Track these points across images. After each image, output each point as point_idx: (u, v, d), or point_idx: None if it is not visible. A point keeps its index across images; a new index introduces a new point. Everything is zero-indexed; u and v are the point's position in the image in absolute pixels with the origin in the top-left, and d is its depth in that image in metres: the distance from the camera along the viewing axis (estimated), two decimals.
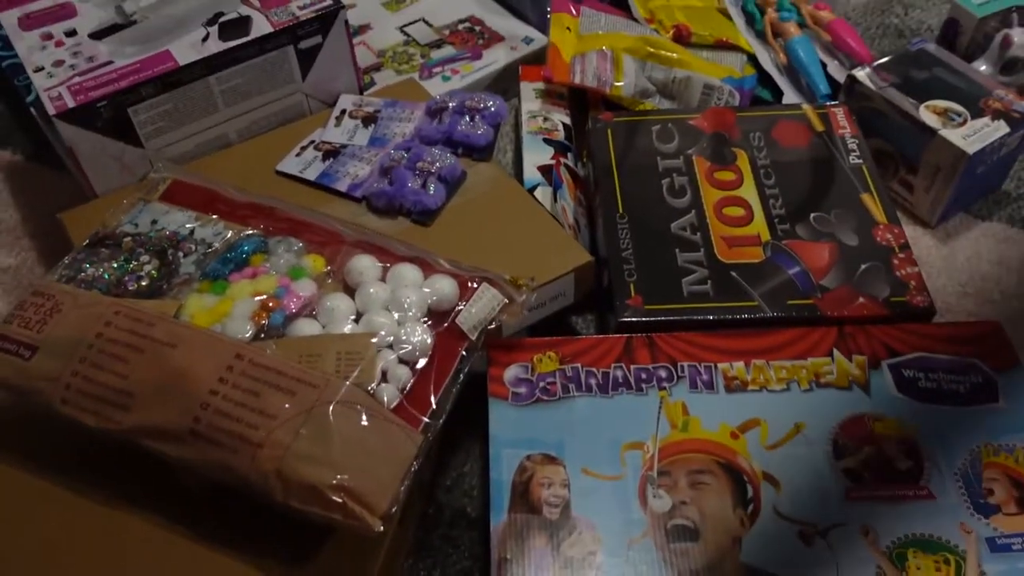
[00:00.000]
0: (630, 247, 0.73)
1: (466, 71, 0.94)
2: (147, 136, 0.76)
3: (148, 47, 0.76)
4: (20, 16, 0.79)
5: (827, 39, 0.96)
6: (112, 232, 0.69)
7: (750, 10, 0.98)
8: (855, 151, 0.80)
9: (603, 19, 0.94)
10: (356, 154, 0.79)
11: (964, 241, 0.83)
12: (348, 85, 0.86)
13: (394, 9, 1.02)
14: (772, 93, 0.93)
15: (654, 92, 0.89)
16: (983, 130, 0.78)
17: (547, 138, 0.84)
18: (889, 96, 0.82)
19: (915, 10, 1.08)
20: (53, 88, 0.72)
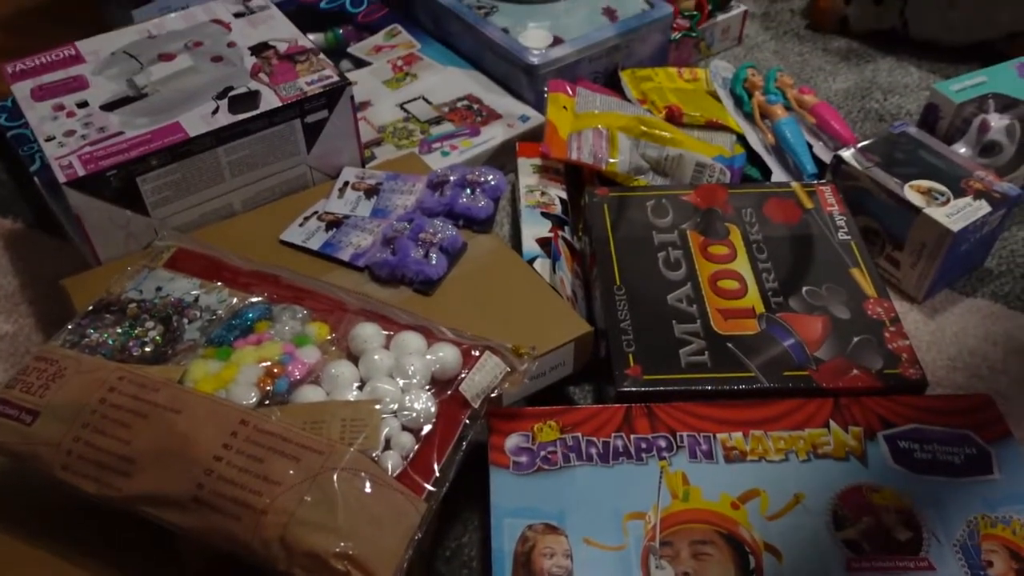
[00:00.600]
0: (628, 318, 0.74)
1: (464, 147, 0.96)
2: (154, 205, 0.78)
3: (159, 119, 0.78)
4: (33, 87, 0.81)
5: (812, 121, 1.00)
6: (117, 298, 0.70)
7: (739, 93, 1.02)
8: (843, 228, 0.82)
9: (598, 99, 0.97)
10: (359, 225, 0.80)
11: (951, 316, 0.85)
12: (351, 158, 0.88)
13: (394, 87, 1.06)
14: (761, 172, 0.96)
15: (648, 169, 0.92)
16: (966, 209, 0.81)
17: (545, 212, 0.86)
18: (875, 176, 0.85)
19: (894, 96, 1.12)
20: (64, 157, 0.74)
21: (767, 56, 1.20)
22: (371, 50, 1.13)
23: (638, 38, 1.07)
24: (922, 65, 1.17)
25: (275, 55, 0.85)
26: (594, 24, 1.05)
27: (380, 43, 1.14)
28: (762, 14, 1.28)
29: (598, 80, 1.06)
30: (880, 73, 1.16)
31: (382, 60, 1.10)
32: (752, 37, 1.24)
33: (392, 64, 1.09)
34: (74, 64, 0.84)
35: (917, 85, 1.14)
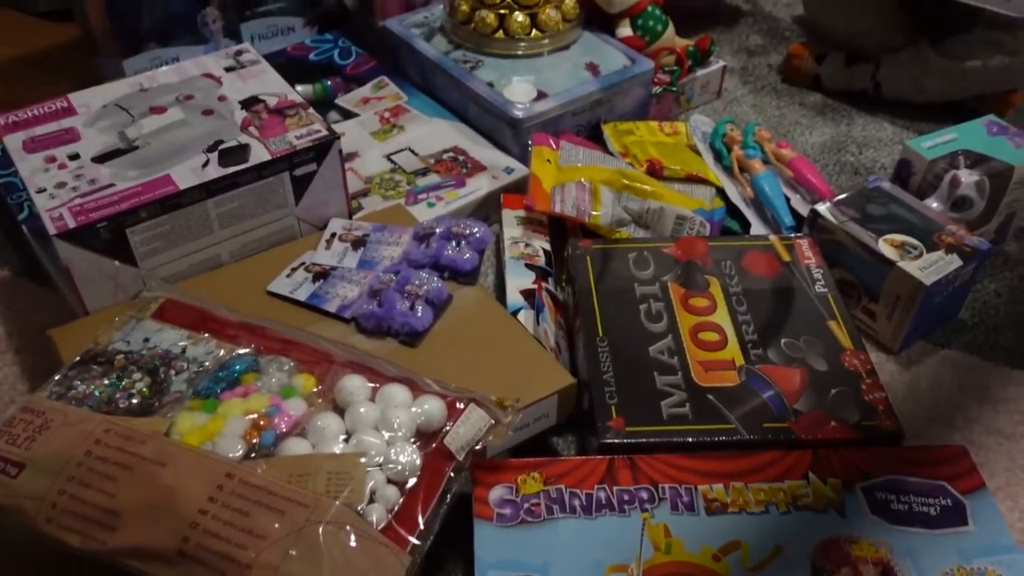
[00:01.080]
0: (610, 370, 0.75)
1: (450, 198, 0.98)
2: (142, 256, 0.78)
3: (149, 171, 0.79)
4: (25, 139, 0.83)
5: (789, 175, 1.03)
6: (104, 349, 0.71)
7: (718, 147, 1.05)
8: (820, 280, 0.84)
9: (581, 152, 0.99)
10: (345, 276, 0.81)
11: (926, 368, 0.86)
12: (339, 210, 0.89)
13: (381, 138, 1.08)
14: (740, 224, 0.98)
15: (629, 221, 0.94)
16: (938, 262, 0.83)
17: (529, 263, 0.88)
18: (850, 230, 0.87)
19: (868, 150, 1.15)
20: (54, 209, 0.75)
21: (746, 110, 1.23)
22: (359, 102, 1.15)
23: (620, 92, 1.10)
24: (896, 121, 1.20)
25: (265, 109, 0.87)
26: (577, 79, 1.08)
27: (368, 95, 1.16)
28: (740, 68, 1.32)
29: (581, 133, 1.09)
30: (855, 128, 1.19)
31: (369, 112, 1.12)
32: (731, 91, 1.27)
33: (379, 116, 1.11)
34: (66, 116, 0.86)
35: (891, 139, 1.17)
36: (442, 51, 1.13)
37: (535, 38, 1.10)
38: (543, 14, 1.10)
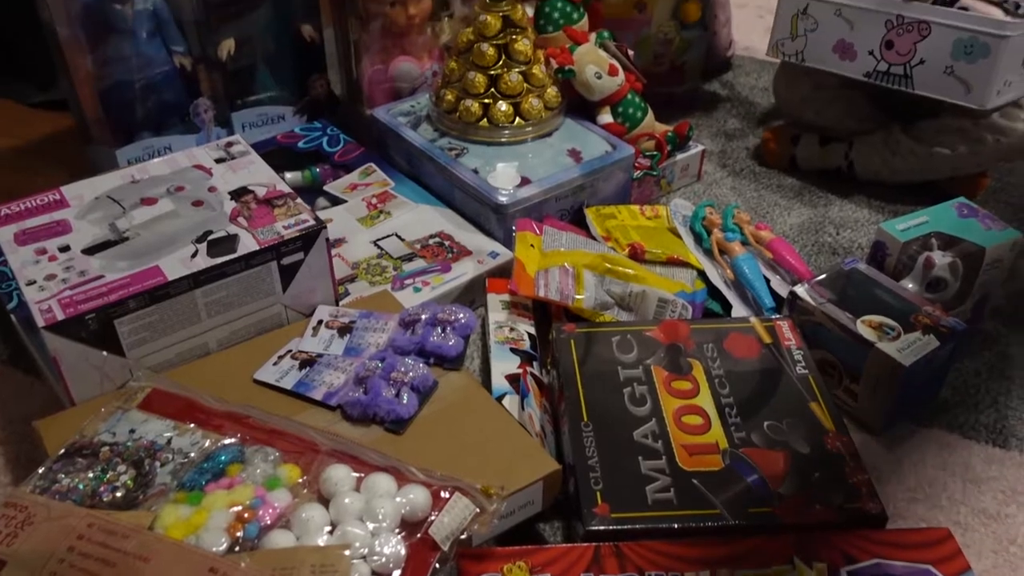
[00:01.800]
0: (595, 455, 0.76)
1: (436, 283, 0.99)
2: (130, 346, 0.79)
3: (139, 262, 0.80)
4: (17, 231, 0.84)
5: (769, 256, 1.05)
6: (89, 441, 0.71)
7: (698, 230, 1.07)
8: (801, 362, 0.85)
9: (564, 237, 1.02)
10: (332, 363, 0.82)
11: (909, 447, 0.87)
12: (325, 297, 0.90)
13: (369, 224, 1.10)
14: (722, 306, 1.00)
15: (612, 305, 0.95)
16: (916, 343, 0.85)
17: (514, 348, 0.89)
18: (828, 311, 0.89)
19: (846, 230, 1.18)
20: (44, 301, 0.76)
21: (725, 192, 1.26)
22: (347, 188, 1.17)
23: (602, 177, 1.12)
24: (871, 202, 1.24)
25: (254, 199, 0.89)
26: (560, 165, 1.11)
27: (355, 181, 1.19)
28: (719, 152, 1.36)
29: (564, 217, 1.11)
30: (832, 209, 1.22)
31: (357, 198, 1.15)
32: (711, 174, 1.30)
33: (367, 202, 1.14)
34: (58, 208, 0.87)
35: (867, 220, 1.20)
36: (428, 139, 1.16)
37: (518, 126, 1.14)
38: (526, 103, 1.13)
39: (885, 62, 1.13)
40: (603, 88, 1.17)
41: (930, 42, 1.08)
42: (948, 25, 1.07)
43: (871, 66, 1.14)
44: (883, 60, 1.13)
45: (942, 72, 1.09)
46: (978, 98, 1.07)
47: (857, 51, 1.15)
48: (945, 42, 1.07)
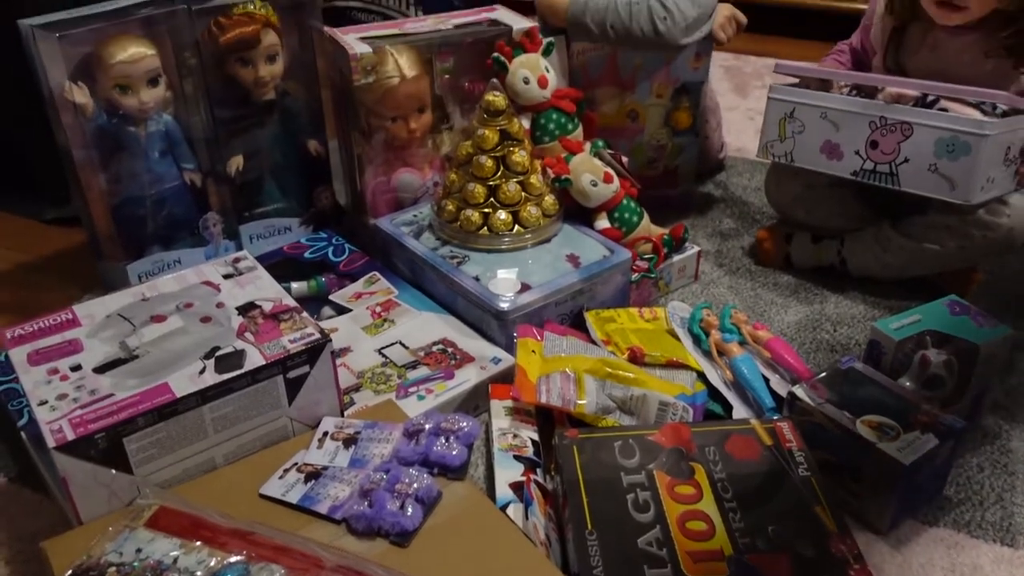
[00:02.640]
0: (600, 564, 0.75)
1: (440, 390, 1.01)
2: (138, 463, 0.80)
3: (148, 380, 0.82)
4: (30, 351, 0.86)
5: (767, 356, 1.06)
6: (96, 562, 0.71)
7: (696, 332, 1.09)
8: (803, 464, 0.86)
9: (564, 342, 1.03)
10: (337, 476, 0.83)
11: (916, 548, 0.87)
12: (330, 408, 0.92)
13: (373, 332, 1.12)
14: (722, 406, 1.01)
15: (614, 408, 0.97)
16: (915, 442, 0.85)
17: (517, 455, 0.90)
18: (827, 412, 0.90)
19: (843, 327, 1.20)
20: (55, 421, 0.77)
21: (722, 291, 1.29)
22: (351, 297, 1.20)
23: (600, 282, 1.15)
24: (866, 298, 1.26)
25: (261, 314, 0.91)
26: (559, 270, 1.14)
27: (360, 290, 1.21)
28: (715, 252, 1.39)
29: (565, 321, 1.13)
30: (828, 306, 1.25)
31: (362, 307, 1.17)
32: (707, 274, 1.33)
33: (371, 310, 1.16)
34: (70, 327, 0.90)
35: (863, 316, 1.22)
36: (430, 247, 1.19)
37: (518, 234, 1.17)
38: (524, 211, 1.17)
39: (871, 161, 1.16)
40: (599, 195, 1.21)
41: (913, 141, 1.12)
42: (929, 125, 1.11)
43: (858, 165, 1.18)
44: (869, 159, 1.17)
45: (926, 170, 1.12)
46: (963, 194, 1.10)
47: (844, 151, 1.19)
48: (927, 141, 1.11)
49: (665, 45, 1.30)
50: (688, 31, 1.30)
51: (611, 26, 1.28)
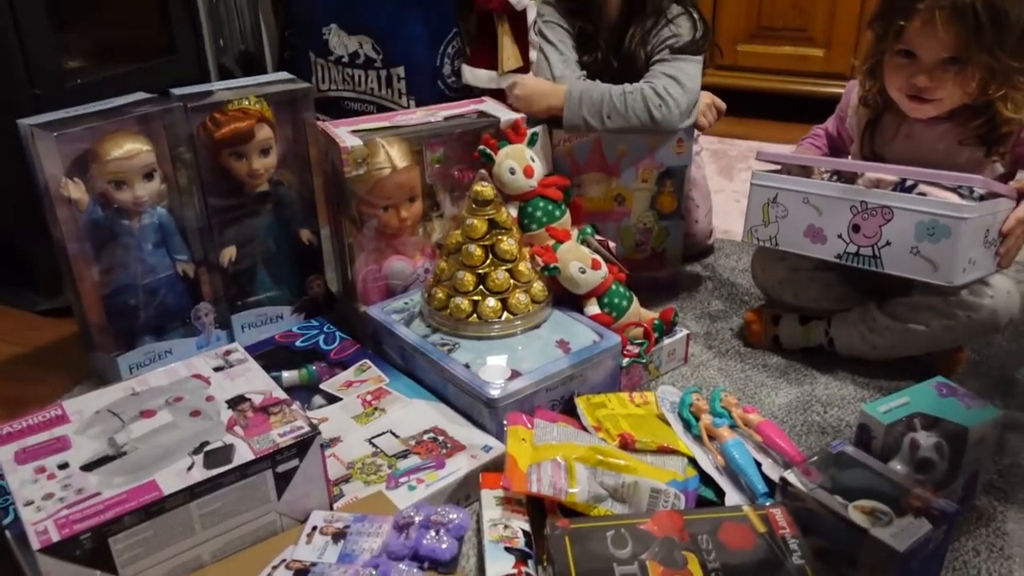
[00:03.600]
0: None
1: (430, 480, 1.00)
2: (123, 563, 0.79)
3: (136, 477, 0.82)
4: (18, 450, 0.86)
5: (759, 439, 1.06)
6: None
7: (686, 416, 1.09)
8: (796, 551, 0.85)
9: (555, 430, 1.03)
10: (326, 572, 0.82)
11: None
12: (320, 501, 0.91)
13: (363, 421, 1.12)
14: (715, 492, 1.00)
15: (606, 496, 0.96)
16: (909, 527, 0.85)
17: (508, 546, 0.89)
18: (819, 497, 0.89)
19: (833, 408, 1.20)
20: (40, 522, 0.77)
21: (712, 374, 1.29)
22: (342, 385, 1.20)
23: (591, 367, 1.16)
24: (856, 379, 1.26)
25: (251, 407, 0.91)
26: (549, 356, 1.14)
27: (351, 378, 1.22)
28: (704, 334, 1.40)
29: (556, 407, 1.13)
30: (818, 387, 1.25)
31: (352, 395, 1.17)
32: (697, 356, 1.34)
33: (362, 399, 1.16)
34: (59, 424, 0.90)
35: (853, 397, 1.22)
36: (421, 335, 1.20)
37: (507, 320, 1.18)
38: (513, 298, 1.18)
39: (854, 244, 1.18)
40: (588, 282, 1.22)
41: (894, 225, 1.14)
42: (909, 209, 1.13)
43: (841, 248, 1.20)
44: (852, 243, 1.18)
45: (909, 253, 1.14)
46: (945, 276, 1.11)
47: (827, 235, 1.21)
48: (908, 225, 1.13)
49: (662, 131, 1.34)
50: (683, 116, 1.34)
51: (608, 116, 1.33)
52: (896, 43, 1.15)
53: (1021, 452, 1.11)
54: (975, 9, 1.07)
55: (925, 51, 1.13)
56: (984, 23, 1.07)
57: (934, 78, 1.13)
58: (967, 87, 1.13)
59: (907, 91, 1.16)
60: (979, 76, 1.12)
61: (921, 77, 1.13)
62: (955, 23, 1.08)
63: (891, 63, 1.17)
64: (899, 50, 1.16)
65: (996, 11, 1.07)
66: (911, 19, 1.12)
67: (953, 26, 1.08)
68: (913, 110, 1.18)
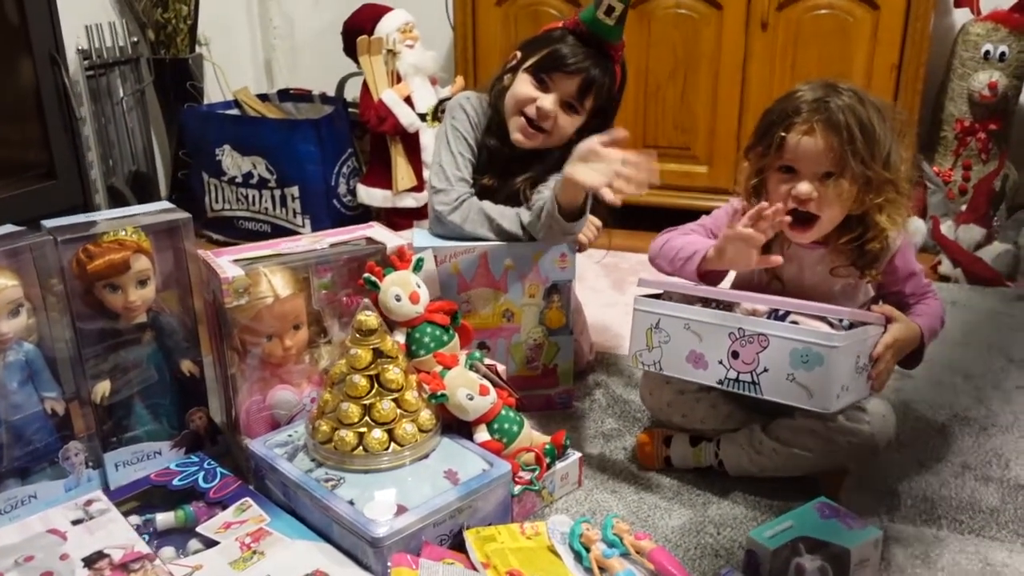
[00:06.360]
0: None
1: None
2: None
3: None
4: None
5: (651, 567, 1.05)
6: None
7: (576, 548, 1.07)
8: None
9: (440, 569, 1.00)
10: None
11: None
12: None
13: (241, 567, 1.06)
14: None
15: None
16: None
17: None
18: None
19: (725, 529, 1.20)
20: None
21: (606, 497, 1.28)
22: (220, 527, 1.14)
23: (480, 497, 1.13)
24: (747, 498, 1.27)
25: (109, 565, 0.85)
26: (437, 488, 1.11)
27: (230, 519, 1.15)
28: (598, 455, 1.39)
29: (444, 542, 1.09)
30: (711, 508, 1.25)
31: (230, 538, 1.11)
32: (591, 478, 1.32)
33: (240, 542, 1.10)
34: None
35: (745, 517, 1.22)
36: (304, 470, 1.16)
37: (394, 452, 1.15)
38: (399, 429, 1.15)
39: (734, 370, 1.20)
40: (476, 408, 1.21)
41: (770, 352, 1.16)
42: (783, 337, 1.16)
43: (722, 374, 1.21)
44: (732, 368, 1.20)
45: (785, 379, 1.16)
46: (821, 403, 1.14)
47: (708, 361, 1.22)
48: (783, 352, 1.15)
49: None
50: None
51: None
52: (777, 159, 1.21)
53: (906, 566, 1.12)
54: (847, 123, 1.16)
55: (805, 164, 1.19)
56: (856, 136, 1.16)
57: (815, 191, 1.19)
58: (845, 201, 1.19)
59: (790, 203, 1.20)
60: (855, 188, 1.18)
61: (803, 184, 1.19)
62: (830, 135, 1.16)
63: (773, 179, 1.23)
64: (780, 166, 1.22)
65: (864, 126, 1.16)
66: (791, 130, 1.19)
67: (829, 137, 1.16)
68: (795, 235, 1.23)
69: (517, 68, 1.46)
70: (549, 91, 1.42)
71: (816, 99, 1.19)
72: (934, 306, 1.31)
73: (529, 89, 1.42)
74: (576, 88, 1.41)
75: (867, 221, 1.23)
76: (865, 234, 1.23)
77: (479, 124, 1.49)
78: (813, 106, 1.19)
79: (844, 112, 1.17)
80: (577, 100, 1.43)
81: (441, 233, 1.43)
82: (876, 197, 1.20)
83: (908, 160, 1.25)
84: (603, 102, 1.46)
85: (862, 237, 1.24)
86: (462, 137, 1.47)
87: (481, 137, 1.48)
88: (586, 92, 1.42)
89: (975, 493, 1.28)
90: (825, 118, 1.17)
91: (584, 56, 1.40)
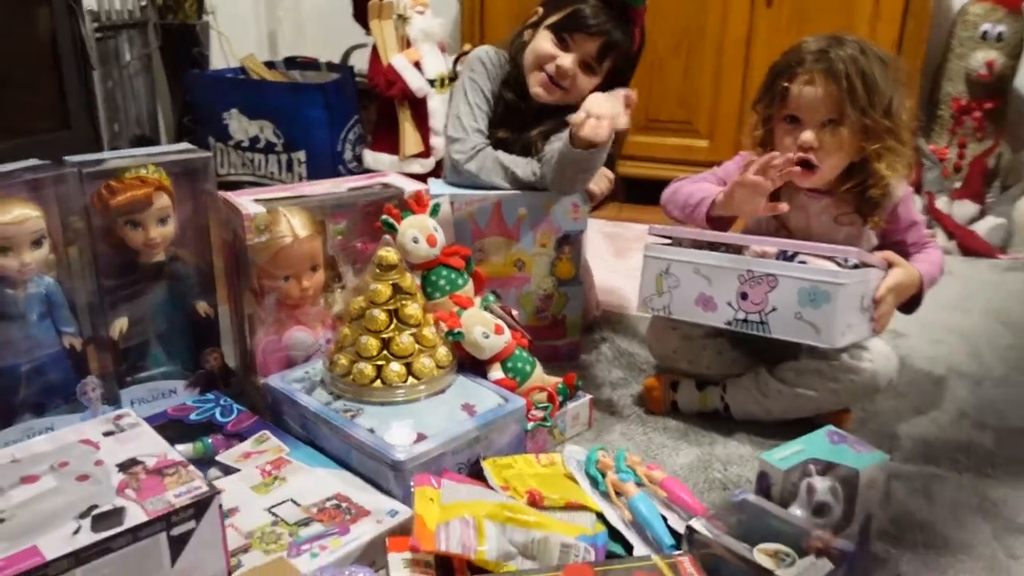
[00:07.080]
0: None
1: (334, 546, 0.96)
2: None
3: (15, 544, 0.76)
4: None
5: (663, 495, 1.08)
6: None
7: (592, 474, 1.10)
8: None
9: (463, 489, 1.02)
10: None
11: None
12: (217, 570, 0.87)
13: (263, 492, 1.07)
14: (623, 546, 1.00)
15: (516, 554, 0.95)
16: (811, 568, 0.87)
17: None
18: (725, 542, 0.91)
19: (732, 466, 1.23)
20: None
21: (615, 437, 1.31)
22: (240, 457, 1.16)
23: (496, 430, 1.15)
24: (752, 438, 1.30)
25: (143, 470, 0.87)
26: (455, 419, 1.14)
27: (249, 449, 1.17)
28: (606, 400, 1.42)
29: (462, 471, 1.12)
30: (717, 447, 1.28)
31: (251, 466, 1.13)
32: (600, 421, 1.35)
33: (261, 469, 1.12)
34: None
35: (751, 455, 1.26)
36: (323, 402, 1.18)
37: (412, 385, 1.17)
38: (417, 363, 1.18)
39: (743, 311, 1.24)
40: (491, 347, 1.23)
41: (779, 292, 1.20)
42: (791, 276, 1.19)
43: (731, 315, 1.25)
44: (740, 309, 1.24)
45: (793, 318, 1.20)
46: (827, 339, 1.17)
47: (717, 303, 1.26)
48: (791, 291, 1.19)
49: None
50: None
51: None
52: (782, 109, 1.25)
53: (908, 501, 1.16)
54: (847, 72, 1.20)
55: (807, 113, 1.24)
56: (856, 85, 1.20)
57: (817, 138, 1.22)
58: (846, 149, 1.23)
59: (796, 151, 1.25)
60: (856, 136, 1.22)
61: (807, 133, 1.23)
62: (830, 83, 1.21)
63: (779, 129, 1.28)
64: (785, 116, 1.26)
65: (865, 75, 1.21)
66: (794, 80, 1.23)
67: (828, 86, 1.21)
68: (799, 179, 1.26)
69: (539, 24, 1.48)
70: (569, 50, 1.44)
71: (819, 49, 1.24)
72: (934, 255, 1.34)
73: (550, 47, 1.45)
74: (596, 49, 1.44)
75: (868, 168, 1.27)
76: (866, 181, 1.27)
77: (496, 78, 1.51)
78: (815, 56, 1.23)
79: (845, 62, 1.21)
80: (596, 61, 1.45)
81: (457, 182, 1.46)
82: (875, 144, 1.24)
83: (911, 111, 1.28)
84: (621, 64, 1.49)
85: (863, 184, 1.28)
86: (479, 89, 1.49)
87: (498, 90, 1.51)
88: (606, 54, 1.45)
89: (972, 437, 1.32)
90: (825, 67, 1.22)
91: (607, 18, 1.43)
